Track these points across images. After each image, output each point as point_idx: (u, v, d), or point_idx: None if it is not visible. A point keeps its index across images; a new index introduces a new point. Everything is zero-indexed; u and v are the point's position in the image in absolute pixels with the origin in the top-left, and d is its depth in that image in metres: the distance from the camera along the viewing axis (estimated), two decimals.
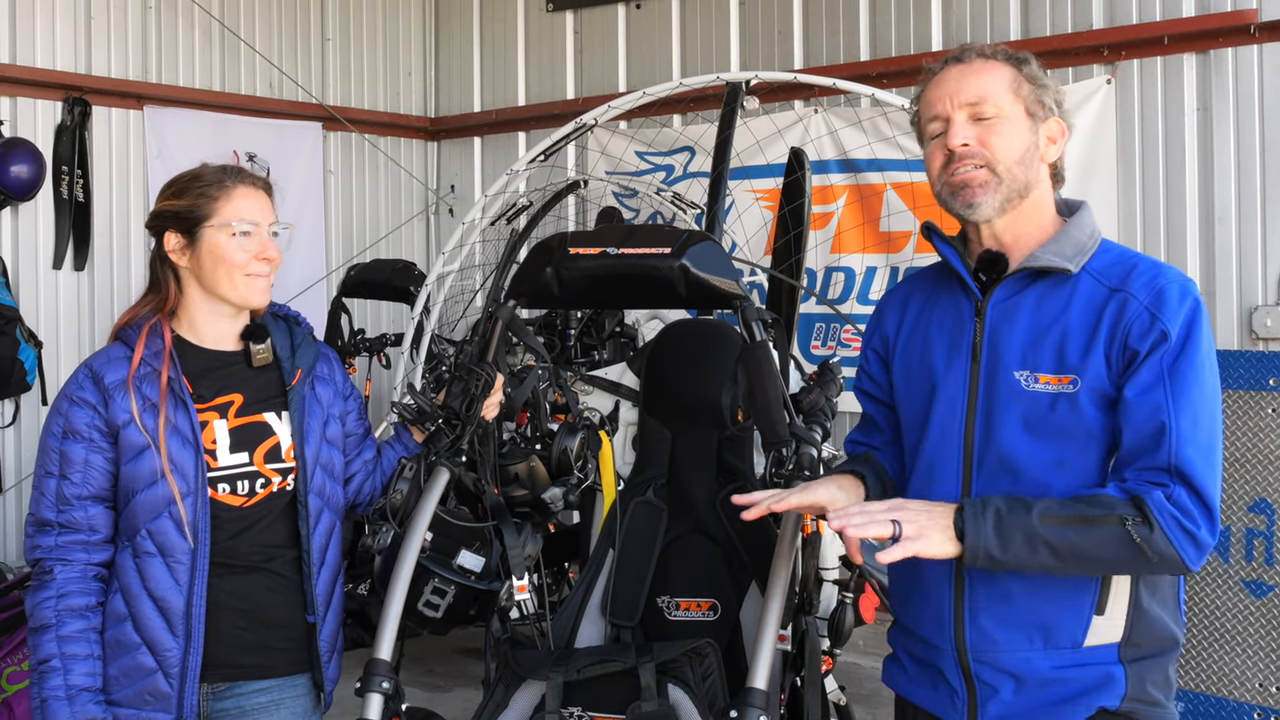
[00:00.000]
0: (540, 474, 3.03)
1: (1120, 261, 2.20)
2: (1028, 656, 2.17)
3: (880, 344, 2.49)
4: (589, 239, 2.87)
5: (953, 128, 2.22)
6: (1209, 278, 5.67)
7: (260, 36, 7.63)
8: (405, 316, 6.73)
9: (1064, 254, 2.19)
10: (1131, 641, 2.15)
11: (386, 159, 8.38)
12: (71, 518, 2.50)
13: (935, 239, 2.33)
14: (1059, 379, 2.14)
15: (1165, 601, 2.19)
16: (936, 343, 2.32)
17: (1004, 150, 2.20)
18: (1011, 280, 2.23)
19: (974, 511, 2.07)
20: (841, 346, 6.63)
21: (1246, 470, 4.74)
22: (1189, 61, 5.73)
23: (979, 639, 2.20)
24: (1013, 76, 2.23)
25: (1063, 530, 2.03)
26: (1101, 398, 2.11)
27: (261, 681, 2.62)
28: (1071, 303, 2.17)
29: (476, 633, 3.10)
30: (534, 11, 8.20)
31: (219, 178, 2.62)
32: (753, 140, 6.39)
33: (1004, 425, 2.18)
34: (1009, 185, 2.20)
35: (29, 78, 6.50)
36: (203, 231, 2.58)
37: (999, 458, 2.18)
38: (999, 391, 2.19)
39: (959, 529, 2.06)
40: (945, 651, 2.24)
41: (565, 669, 2.76)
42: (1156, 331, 2.08)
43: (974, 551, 2.06)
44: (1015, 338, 2.19)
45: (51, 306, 6.65)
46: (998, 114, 2.20)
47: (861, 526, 2.06)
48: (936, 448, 2.27)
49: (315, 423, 2.69)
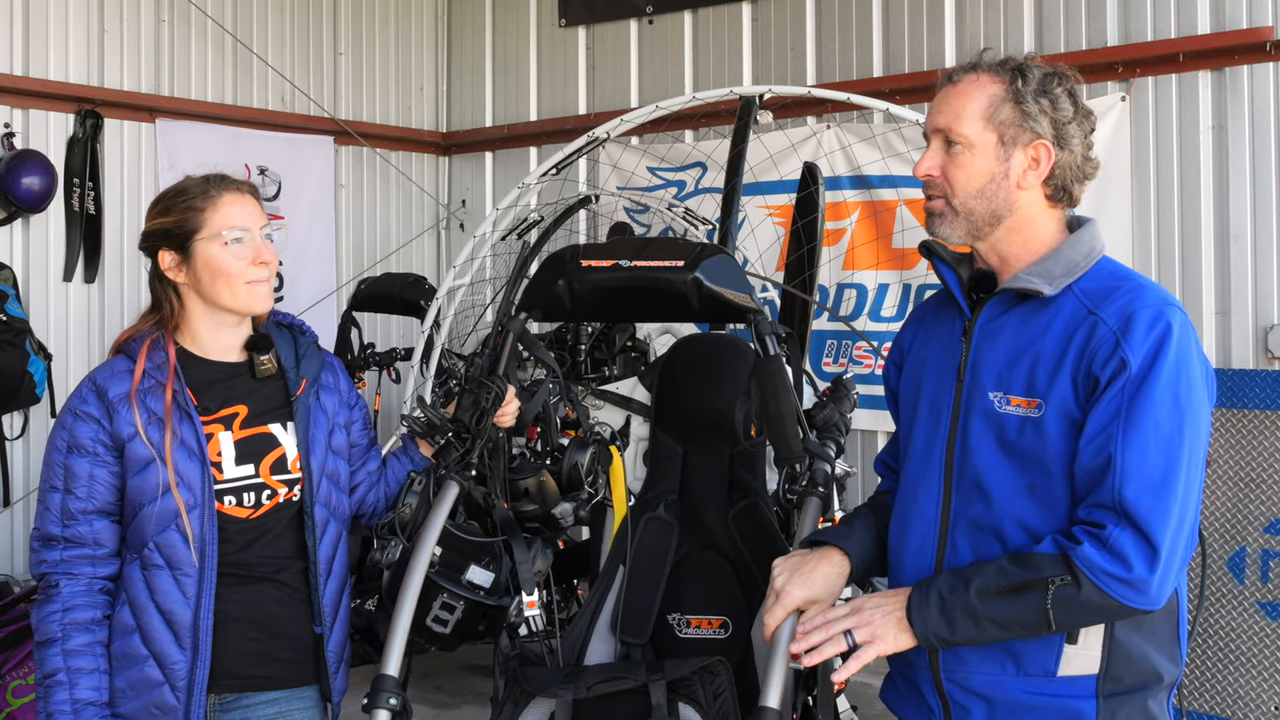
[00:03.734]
0: (550, 489, 3.01)
1: (1107, 282, 2.15)
2: (999, 680, 2.15)
3: (899, 357, 2.48)
4: (602, 252, 2.85)
5: (924, 154, 2.24)
6: (1224, 296, 5.63)
7: (273, 50, 7.65)
8: (415, 330, 6.72)
9: (1049, 274, 2.16)
10: (1110, 675, 2.11)
11: (398, 173, 8.39)
12: (77, 532, 2.49)
13: (935, 259, 2.33)
14: (1027, 402, 2.11)
15: (1155, 636, 2.13)
16: (933, 363, 2.32)
17: (960, 183, 2.19)
18: (997, 300, 2.22)
19: (920, 600, 2.10)
20: (853, 363, 6.60)
21: (1262, 491, 4.70)
22: (1204, 79, 5.70)
23: (951, 658, 2.19)
24: (992, 98, 2.17)
25: (996, 603, 2.04)
26: (1067, 423, 2.08)
27: (268, 693, 2.60)
28: (1051, 325, 2.14)
29: (484, 649, 3.08)
30: (546, 26, 8.21)
31: (203, 189, 2.61)
32: (766, 155, 6.37)
33: (978, 447, 2.16)
34: (966, 218, 2.20)
35: (42, 90, 6.51)
36: (195, 245, 2.56)
37: (973, 480, 2.17)
38: (975, 413, 2.18)
39: (909, 616, 2.10)
40: (922, 669, 2.25)
41: (575, 686, 2.73)
42: (1117, 359, 2.03)
43: (925, 640, 2.10)
44: (995, 359, 2.18)
45: (61, 319, 6.64)
46: (962, 143, 2.18)
47: (820, 652, 2.14)
48: (920, 467, 2.27)
49: (320, 433, 2.67)
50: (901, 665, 2.34)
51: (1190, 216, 5.74)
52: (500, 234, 6.22)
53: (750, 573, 3.01)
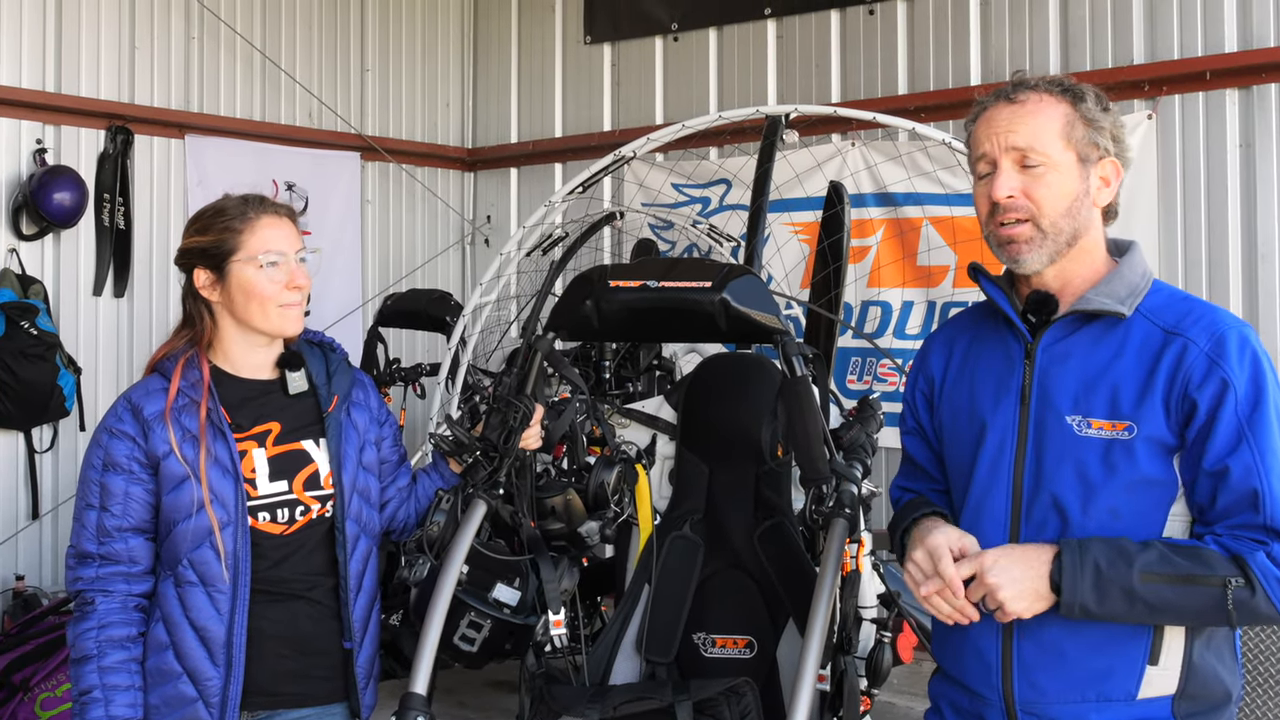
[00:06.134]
0: (577, 507, 3.02)
1: (1174, 303, 2.15)
2: (1079, 710, 2.12)
3: (926, 386, 2.44)
4: (629, 272, 2.87)
5: (998, 176, 2.15)
6: (1252, 315, 5.59)
7: (301, 67, 7.70)
8: (440, 346, 6.73)
9: (1117, 296, 2.14)
10: (1186, 694, 2.10)
11: (424, 189, 8.42)
12: (112, 549, 2.51)
13: (983, 280, 2.28)
14: (1113, 425, 2.10)
15: (1221, 653, 2.14)
16: (983, 385, 2.27)
17: (1050, 203, 2.13)
18: (1062, 322, 2.19)
19: (1073, 564, 2.03)
20: (878, 381, 6.59)
21: None
22: (1231, 97, 5.68)
23: (1029, 690, 2.15)
24: (1066, 117, 2.15)
25: (1162, 589, 2.01)
26: (1159, 446, 2.07)
27: (300, 710, 2.62)
28: (1125, 346, 2.12)
29: (508, 666, 3.08)
30: (571, 44, 8.24)
31: (241, 210, 2.62)
32: (791, 174, 6.38)
33: (1056, 471, 2.13)
34: (1054, 239, 2.14)
35: (73, 106, 6.57)
36: (230, 266, 2.59)
37: (1049, 503, 2.14)
38: (1049, 436, 2.15)
39: (1055, 580, 2.04)
40: (992, 702, 2.19)
41: (601, 706, 2.74)
42: (1216, 380, 2.04)
43: (1070, 607, 2.04)
44: (1067, 382, 2.15)
45: (91, 333, 6.69)
46: (1045, 163, 2.13)
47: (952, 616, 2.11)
48: (984, 491, 2.22)
49: (352, 449, 2.69)
50: (959, 696, 2.28)
51: (1217, 235, 5.71)
52: (525, 251, 6.24)
53: (775, 592, 3.01)
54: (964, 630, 2.21)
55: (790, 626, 2.97)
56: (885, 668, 2.89)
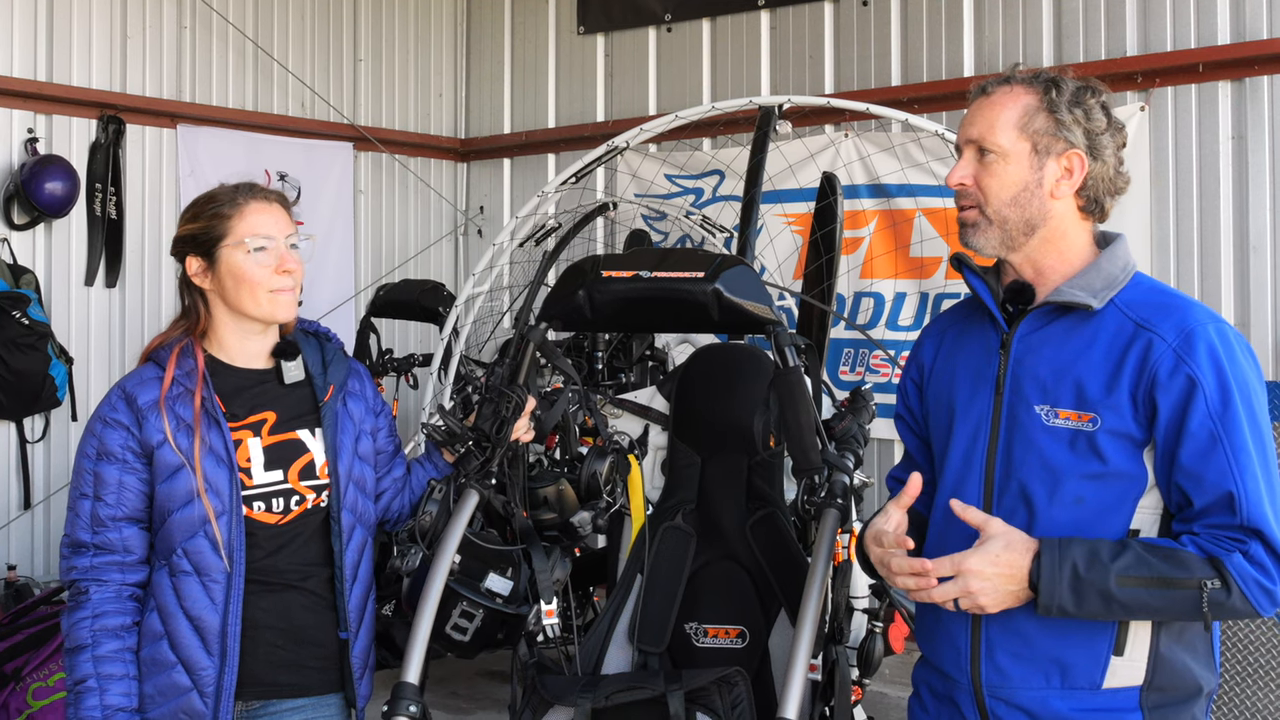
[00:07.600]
0: (569, 497, 3.02)
1: (1151, 297, 2.17)
2: (1044, 695, 2.15)
3: (917, 374, 2.47)
4: (622, 262, 2.86)
5: (956, 164, 2.26)
6: (1243, 307, 5.61)
7: (293, 57, 7.68)
8: (433, 337, 6.74)
9: (1091, 288, 2.17)
10: (1154, 686, 2.12)
11: (416, 179, 8.42)
12: (106, 539, 2.51)
13: (965, 271, 2.32)
14: (1079, 415, 2.12)
15: (1193, 648, 2.15)
16: (962, 374, 2.31)
17: (994, 191, 2.20)
18: (1037, 313, 2.22)
19: (1051, 566, 2.05)
20: (870, 372, 6.60)
21: None
22: (1224, 89, 5.69)
23: (995, 675, 2.19)
24: (1026, 109, 2.19)
25: (1139, 592, 2.03)
26: (1124, 438, 2.09)
27: (295, 700, 2.62)
28: (1097, 338, 2.14)
29: (499, 655, 3.08)
30: (565, 34, 8.24)
31: (231, 196, 2.63)
32: (784, 164, 6.38)
33: (1024, 460, 2.17)
34: (1001, 226, 2.21)
35: (65, 95, 6.56)
36: (220, 252, 2.59)
37: (1017, 491, 2.17)
38: (1019, 425, 2.18)
39: (1033, 579, 2.06)
40: (962, 685, 2.23)
41: (593, 695, 2.74)
42: (1183, 376, 2.05)
43: (1047, 609, 2.07)
44: (1039, 371, 2.18)
45: (83, 323, 6.68)
46: (996, 152, 2.20)
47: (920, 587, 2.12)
48: (958, 479, 2.26)
49: (348, 439, 2.69)
50: (934, 679, 2.32)
51: (1209, 227, 5.72)
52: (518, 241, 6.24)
53: (768, 582, 3.02)
54: (938, 614, 2.25)
55: (782, 616, 2.98)
56: (877, 658, 2.89)
